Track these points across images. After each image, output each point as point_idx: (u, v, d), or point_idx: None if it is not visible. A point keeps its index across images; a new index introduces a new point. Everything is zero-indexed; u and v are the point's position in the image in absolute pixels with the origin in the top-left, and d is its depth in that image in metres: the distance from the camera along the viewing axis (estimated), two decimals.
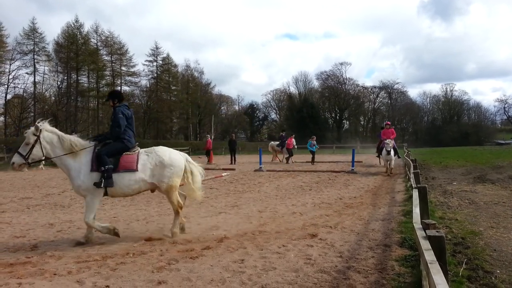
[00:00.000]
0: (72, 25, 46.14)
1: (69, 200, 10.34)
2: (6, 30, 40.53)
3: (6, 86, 41.04)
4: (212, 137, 46.38)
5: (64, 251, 5.46)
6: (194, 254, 5.20)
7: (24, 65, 42.21)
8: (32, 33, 42.43)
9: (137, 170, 5.88)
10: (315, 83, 71.34)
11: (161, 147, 6.37)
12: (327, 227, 6.65)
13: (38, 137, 5.67)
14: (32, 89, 43.29)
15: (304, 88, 71.30)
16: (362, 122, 71.70)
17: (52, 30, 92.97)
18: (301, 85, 71.50)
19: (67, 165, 5.77)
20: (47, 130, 5.81)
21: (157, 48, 55.56)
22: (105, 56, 49.70)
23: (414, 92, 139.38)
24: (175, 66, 57.71)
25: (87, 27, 48.19)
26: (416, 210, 4.97)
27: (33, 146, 5.64)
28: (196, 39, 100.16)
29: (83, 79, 48.04)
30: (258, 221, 7.34)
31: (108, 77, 50.25)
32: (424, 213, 5.29)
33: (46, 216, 8.16)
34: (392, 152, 15.89)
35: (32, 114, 43.02)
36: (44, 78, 44.99)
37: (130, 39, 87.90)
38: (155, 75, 55.36)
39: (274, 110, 75.08)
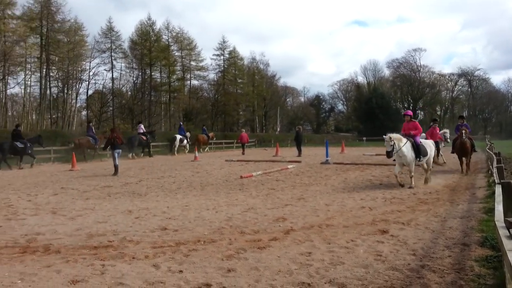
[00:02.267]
0: (145, 23, 48.78)
1: (145, 189, 11.03)
2: (86, 30, 44.00)
3: (87, 82, 44.68)
4: (278, 130, 46.57)
5: (141, 237, 5.85)
6: (261, 245, 5.28)
7: (102, 62, 45.57)
8: (109, 32, 45.54)
9: None
10: (386, 72, 68.40)
11: None
12: (399, 223, 6.37)
13: None
14: (110, 84, 46.65)
15: (373, 77, 68.67)
16: (438, 112, 67.27)
17: (127, 28, 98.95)
18: (370, 74, 69.00)
19: None
20: None
21: (224, 42, 56.87)
22: (175, 51, 51.92)
23: (498, 79, 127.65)
24: (241, 59, 58.69)
25: (159, 24, 50.76)
26: (499, 208, 4.57)
27: None
28: (262, 31, 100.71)
29: (156, 74, 50.67)
30: (325, 215, 7.25)
31: (178, 72, 52.49)
32: (508, 210, 4.83)
33: (125, 203, 8.78)
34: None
35: (111, 108, 46.43)
36: (121, 74, 48.27)
37: (200, 34, 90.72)
38: (222, 68, 56.72)
39: (341, 101, 73.36)
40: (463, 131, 12.99)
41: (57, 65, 40.22)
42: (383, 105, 58.86)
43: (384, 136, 10.30)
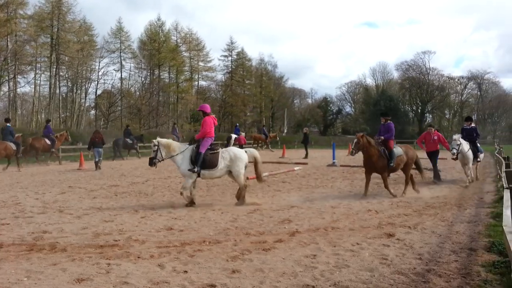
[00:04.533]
0: (155, 23, 49.05)
1: (152, 188, 11.08)
2: (95, 30, 44.36)
3: (96, 82, 45.03)
4: (284, 131, 46.54)
5: (147, 236, 5.88)
6: (266, 246, 5.28)
7: (111, 62, 45.82)
8: (119, 32, 45.83)
9: None
10: (395, 74, 67.87)
11: None
12: (405, 227, 6.33)
13: None
14: (119, 84, 46.96)
15: (382, 79, 68.27)
16: (447, 116, 66.66)
17: (138, 28, 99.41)
18: (379, 77, 68.55)
19: None
20: None
21: (232, 43, 56.94)
22: (184, 52, 52.11)
23: (508, 83, 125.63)
24: (249, 60, 58.72)
25: (168, 25, 50.93)
26: (507, 213, 4.54)
27: None
28: (272, 32, 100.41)
29: (164, 75, 50.91)
30: (331, 217, 7.23)
31: (186, 73, 52.70)
32: None
33: (132, 203, 8.83)
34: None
35: (119, 108, 46.70)
36: (130, 74, 48.53)
37: (209, 34, 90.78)
38: (230, 69, 56.84)
39: (349, 103, 73.01)
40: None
41: (67, 64, 40.56)
42: (391, 108, 58.38)
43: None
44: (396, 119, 55.23)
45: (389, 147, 9.59)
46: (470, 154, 11.63)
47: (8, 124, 17.14)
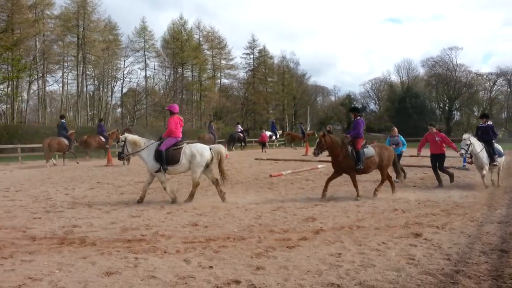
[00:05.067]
0: (177, 22, 49.58)
1: (177, 185, 11.23)
2: (120, 30, 45.27)
3: (122, 80, 45.97)
4: (307, 129, 46.28)
5: (173, 232, 5.97)
6: (290, 244, 5.28)
7: (136, 61, 46.68)
8: (143, 31, 46.57)
9: None
10: (420, 71, 66.29)
11: None
12: (433, 227, 6.19)
13: None
14: (143, 83, 47.79)
15: (407, 76, 66.80)
16: (476, 113, 64.65)
17: (161, 27, 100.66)
18: (404, 73, 67.06)
19: None
20: None
21: (253, 40, 56.93)
22: (206, 50, 52.51)
23: None
24: (271, 57, 58.59)
25: (190, 23, 51.42)
26: None
27: None
28: (294, 29, 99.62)
29: (188, 73, 51.46)
30: (355, 216, 7.15)
31: (209, 71, 53.08)
32: None
33: (157, 198, 8.97)
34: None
35: (144, 106, 47.51)
36: (154, 73, 49.29)
37: (231, 32, 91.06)
38: (252, 67, 56.88)
39: (373, 101, 71.84)
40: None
41: (93, 63, 41.56)
42: (417, 105, 57.17)
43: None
44: (423, 116, 54.11)
45: (356, 147, 8.82)
46: (483, 156, 10.20)
47: (62, 121, 18.49)
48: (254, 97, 54.94)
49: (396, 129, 12.60)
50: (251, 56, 56.84)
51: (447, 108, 62.96)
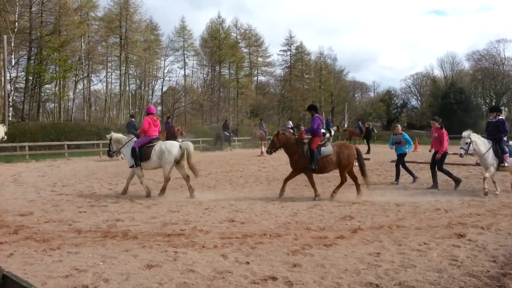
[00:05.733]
0: (215, 21, 50.25)
1: (214, 182, 11.42)
2: (160, 30, 46.49)
3: (162, 79, 47.25)
4: (345, 125, 45.51)
5: (210, 227, 6.09)
6: (327, 242, 5.24)
7: (176, 60, 47.88)
8: (182, 31, 47.63)
9: None
10: (465, 65, 63.27)
11: None
12: (477, 228, 5.93)
13: None
14: (182, 81, 48.86)
15: (451, 70, 63.98)
16: None
17: (199, 26, 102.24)
18: (447, 68, 64.29)
19: None
20: None
21: (291, 37, 56.61)
22: (243, 48, 52.83)
23: None
24: (308, 54, 58.03)
25: (227, 22, 51.92)
26: None
27: None
28: (331, 24, 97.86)
29: (225, 71, 52.04)
30: (395, 215, 6.97)
31: (246, 68, 53.41)
32: None
33: (196, 195, 9.16)
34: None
35: (183, 104, 48.55)
36: (193, 71, 50.28)
37: (269, 29, 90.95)
38: (289, 64, 56.62)
39: (414, 96, 69.41)
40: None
41: (135, 63, 42.95)
42: (462, 101, 54.59)
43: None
44: (468, 113, 51.72)
45: (311, 146, 8.48)
46: (489, 156, 8.86)
47: (132, 119, 19.36)
48: (291, 94, 54.68)
49: (399, 126, 11.95)
50: (288, 53, 56.63)
51: (494, 103, 59.68)
